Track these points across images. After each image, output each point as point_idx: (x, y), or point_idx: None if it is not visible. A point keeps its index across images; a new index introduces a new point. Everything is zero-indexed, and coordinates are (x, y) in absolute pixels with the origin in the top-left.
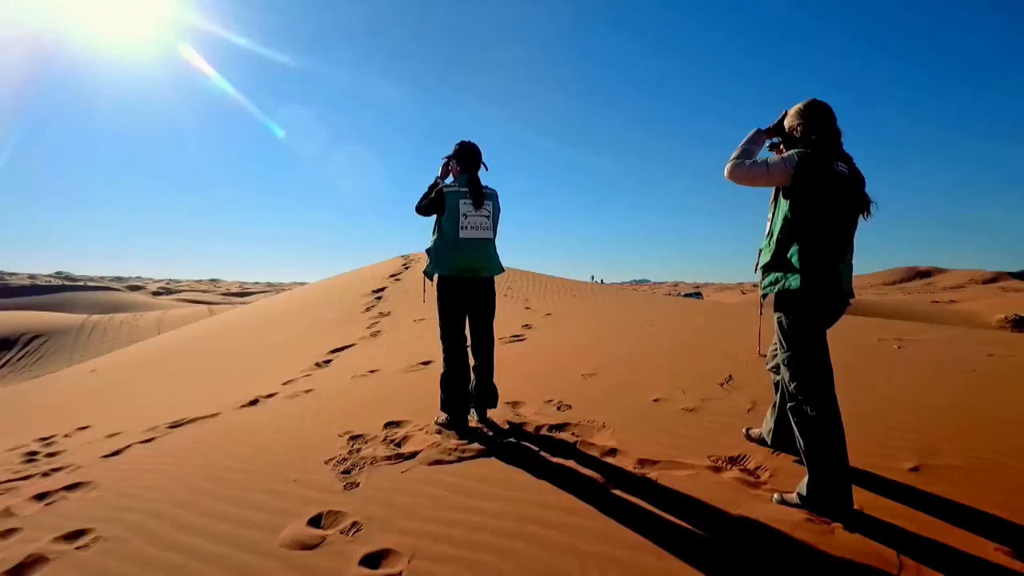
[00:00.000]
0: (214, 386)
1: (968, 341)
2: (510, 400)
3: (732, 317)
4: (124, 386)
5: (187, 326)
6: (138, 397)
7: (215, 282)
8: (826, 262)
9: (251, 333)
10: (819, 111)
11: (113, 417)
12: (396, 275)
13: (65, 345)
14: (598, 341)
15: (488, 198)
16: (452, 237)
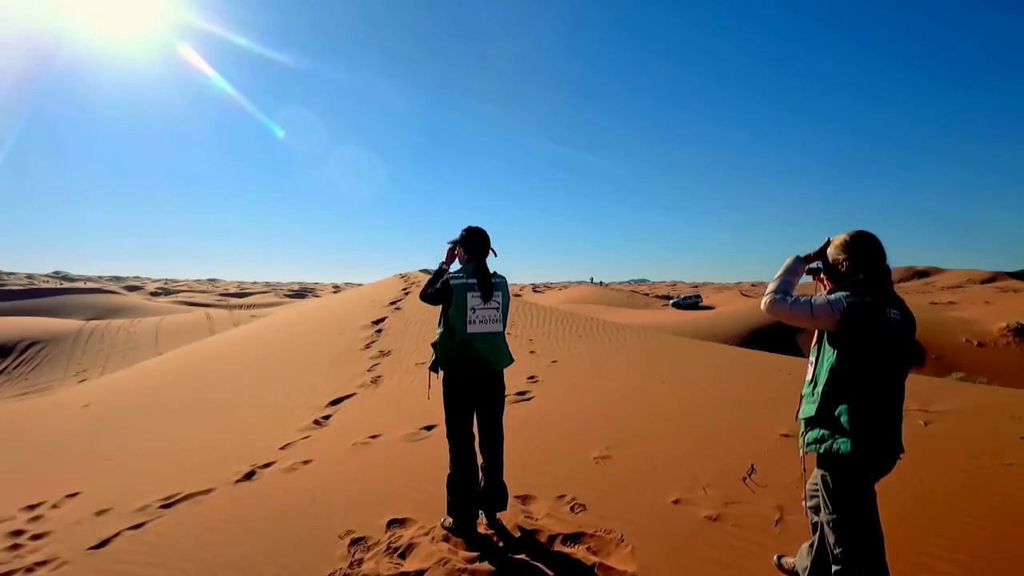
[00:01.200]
0: (210, 441)
1: (999, 413)
2: (520, 494)
3: (743, 367)
4: (118, 430)
5: (184, 348)
6: (132, 447)
7: (213, 282)
8: (881, 425)
9: (250, 369)
10: (867, 246)
11: (104, 478)
12: (396, 302)
13: (63, 352)
14: (608, 406)
15: (497, 289)
16: (460, 332)
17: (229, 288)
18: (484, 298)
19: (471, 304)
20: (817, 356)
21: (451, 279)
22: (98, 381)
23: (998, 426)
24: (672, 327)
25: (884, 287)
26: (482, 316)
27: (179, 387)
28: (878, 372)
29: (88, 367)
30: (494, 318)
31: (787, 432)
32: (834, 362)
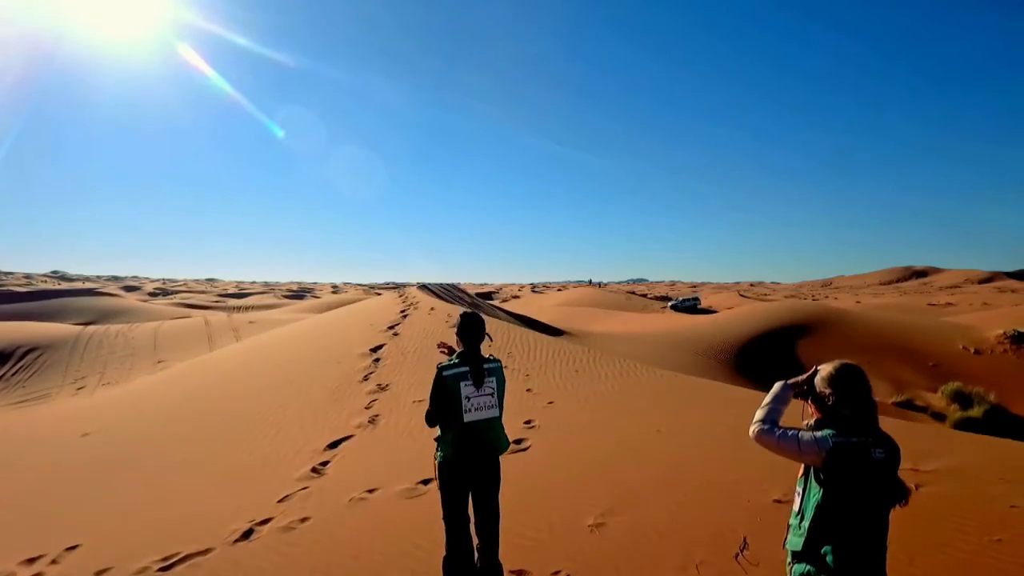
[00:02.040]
0: (209, 486)
1: (988, 472)
2: (515, 568)
3: (741, 412)
4: (116, 468)
5: (181, 368)
6: (130, 491)
7: (212, 281)
8: (866, 566)
9: (247, 400)
10: (852, 381)
11: (103, 527)
12: (393, 327)
13: (61, 359)
14: (603, 462)
15: (491, 374)
16: (457, 421)
17: (228, 288)
18: (476, 385)
19: (465, 393)
20: (804, 488)
21: (444, 370)
22: (96, 400)
23: (987, 489)
24: (670, 336)
25: (870, 423)
26: (477, 403)
27: (176, 418)
28: (863, 512)
29: (86, 374)
30: (489, 404)
31: (779, 498)
32: (820, 499)
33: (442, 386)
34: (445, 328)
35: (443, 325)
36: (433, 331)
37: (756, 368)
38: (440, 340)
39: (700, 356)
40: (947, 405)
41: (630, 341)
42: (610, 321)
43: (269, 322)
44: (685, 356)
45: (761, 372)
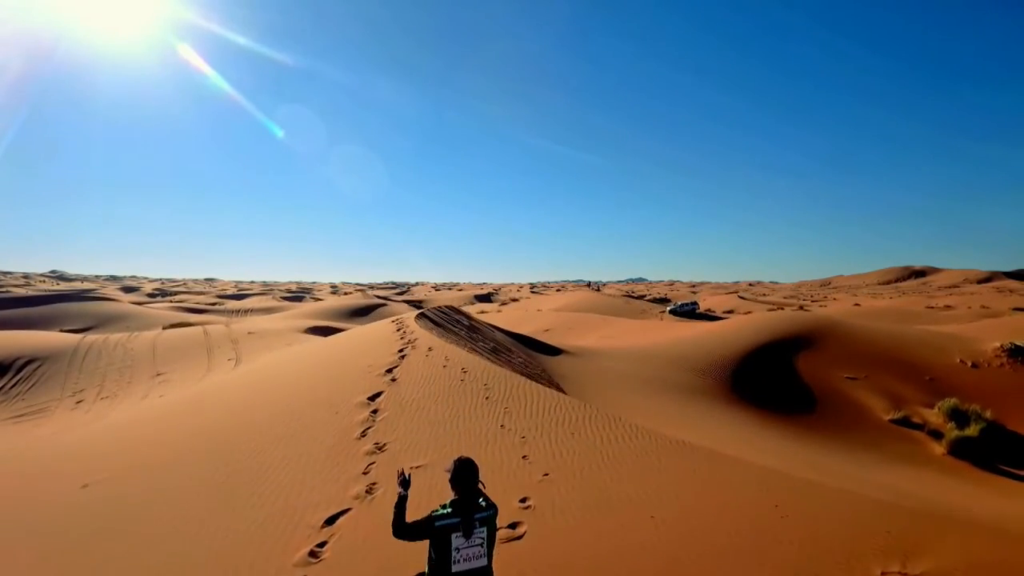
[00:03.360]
0: (205, 566)
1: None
2: None
3: (740, 490)
4: (114, 535)
5: (177, 404)
6: (125, 562)
7: (211, 281)
8: None
9: (242, 452)
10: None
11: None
12: (391, 370)
13: (60, 370)
14: (596, 555)
15: (483, 524)
16: (444, 571)
17: (227, 288)
18: (466, 536)
19: (455, 545)
20: None
21: (436, 520)
22: (93, 430)
23: None
24: (667, 352)
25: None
26: (466, 555)
27: (175, 470)
28: None
29: (85, 387)
30: (478, 555)
31: None
32: None
33: (430, 533)
34: (442, 375)
35: (440, 371)
36: (431, 377)
37: (754, 385)
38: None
39: (697, 374)
40: (944, 422)
41: (627, 359)
42: (608, 329)
43: (267, 334)
44: (682, 375)
45: (759, 390)
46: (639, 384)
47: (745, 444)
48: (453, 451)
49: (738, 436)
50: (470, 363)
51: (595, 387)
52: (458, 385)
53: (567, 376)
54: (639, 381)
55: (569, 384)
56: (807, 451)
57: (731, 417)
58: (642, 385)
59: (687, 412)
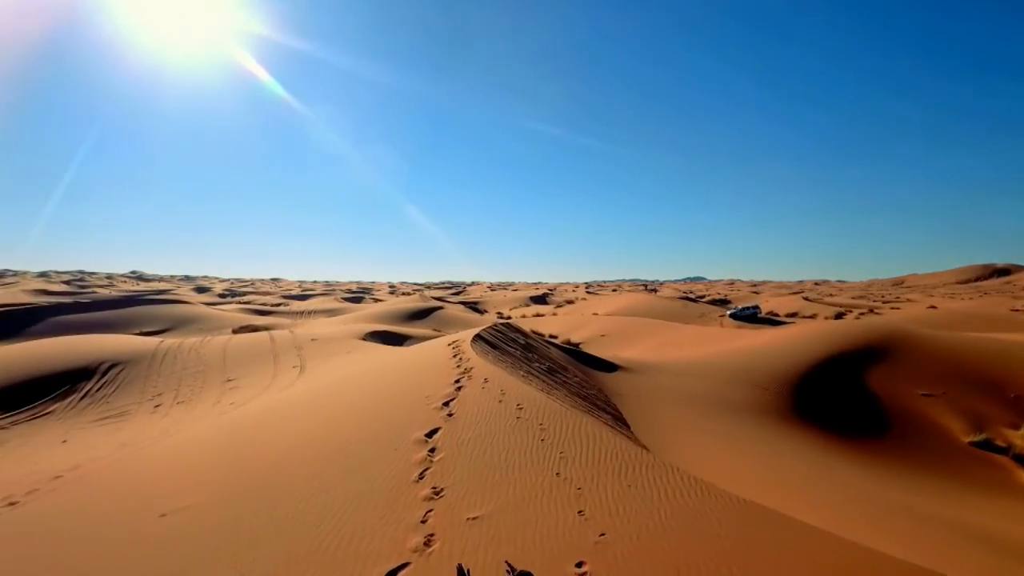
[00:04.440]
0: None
1: None
2: None
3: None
4: (191, 568)
5: (252, 416)
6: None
7: (276, 281)
8: None
9: (301, 486)
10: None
11: None
12: (448, 402)
13: (139, 374)
14: None
15: None
16: None
17: (291, 289)
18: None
19: None
20: None
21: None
22: (171, 456)
23: None
24: (727, 365)
25: None
26: None
27: (243, 502)
28: None
29: (163, 391)
30: None
31: None
32: None
33: None
34: (498, 411)
35: (496, 407)
36: (487, 414)
37: (819, 404)
38: None
39: (757, 391)
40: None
41: (684, 374)
42: (664, 335)
43: (329, 340)
44: (742, 391)
45: (824, 409)
46: (697, 404)
47: (811, 485)
48: (509, 501)
49: (803, 471)
50: (526, 398)
51: (651, 408)
52: (513, 423)
53: (623, 394)
54: (697, 400)
55: (625, 403)
56: (883, 486)
57: (796, 444)
58: (700, 405)
59: (747, 439)
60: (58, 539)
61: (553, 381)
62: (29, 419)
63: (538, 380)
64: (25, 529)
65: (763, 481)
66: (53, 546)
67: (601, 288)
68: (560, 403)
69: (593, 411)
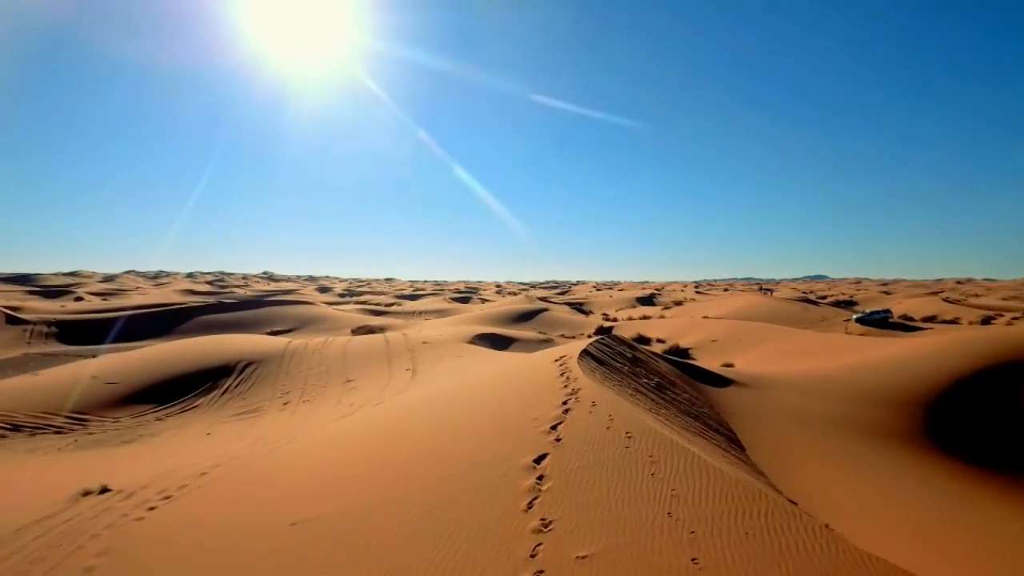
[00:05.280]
0: None
1: None
2: None
3: None
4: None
5: (366, 429)
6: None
7: (390, 281)
8: None
9: (419, 511)
10: None
11: None
12: (556, 426)
13: (271, 372)
14: None
15: None
16: None
17: (404, 289)
18: None
19: None
20: None
21: None
22: (301, 460)
23: None
24: (852, 380)
25: None
26: None
27: (364, 526)
28: None
29: (290, 389)
30: None
31: None
32: None
33: None
34: (606, 439)
35: (604, 434)
36: (595, 441)
37: (962, 430)
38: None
39: (891, 411)
40: None
41: (805, 390)
42: (781, 342)
43: (439, 344)
44: (872, 411)
45: (969, 437)
46: (819, 426)
47: (955, 535)
48: (619, 541)
49: (945, 514)
50: (635, 425)
51: (768, 429)
52: (622, 453)
53: (737, 413)
54: (819, 422)
55: (739, 422)
56: None
57: (935, 478)
58: (823, 427)
59: (876, 469)
60: (199, 544)
61: (662, 399)
62: (179, 412)
63: (647, 399)
64: (175, 530)
65: (898, 527)
66: (194, 549)
67: (711, 288)
68: (671, 430)
69: (704, 432)
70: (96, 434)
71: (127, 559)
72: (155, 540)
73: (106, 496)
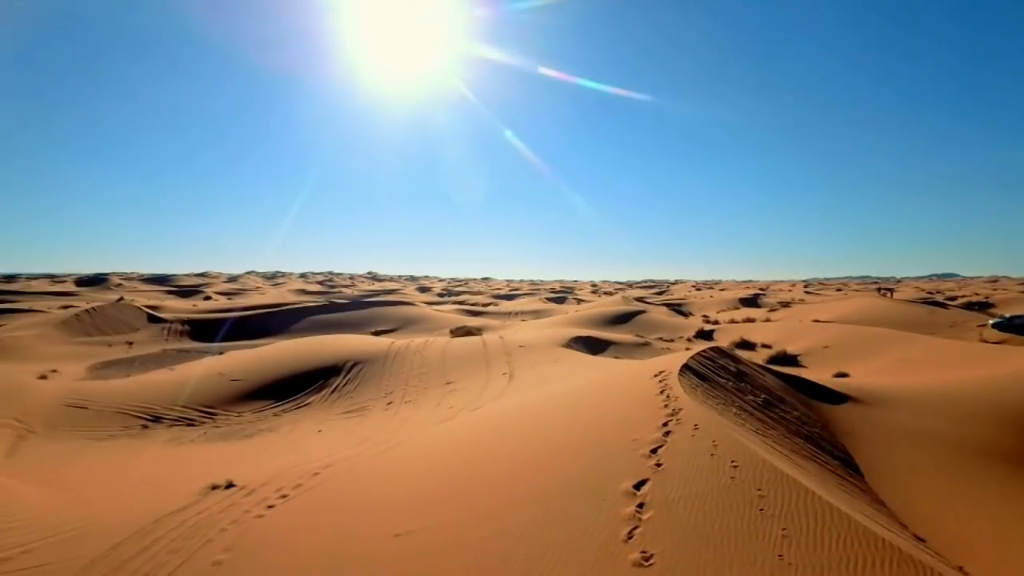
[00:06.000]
0: None
1: None
2: None
3: None
4: None
5: (465, 437)
6: None
7: (487, 281)
8: None
9: (516, 530)
10: None
11: None
12: (656, 449)
13: (375, 372)
14: None
15: None
16: None
17: (500, 288)
18: None
19: None
20: None
21: None
22: (403, 468)
23: None
24: (995, 399)
25: None
26: None
27: (465, 541)
28: None
29: (393, 389)
30: None
31: None
32: None
33: None
34: (710, 466)
35: (708, 461)
36: (698, 470)
37: None
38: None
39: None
40: None
41: (934, 410)
42: (904, 350)
43: (536, 347)
44: (1013, 435)
45: None
46: (950, 450)
47: None
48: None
49: None
50: (741, 453)
51: (889, 453)
52: (728, 484)
53: (854, 434)
54: (950, 445)
55: (855, 443)
56: None
57: None
58: (955, 452)
59: (1017, 502)
60: (310, 548)
61: (770, 418)
62: (294, 408)
63: (753, 418)
64: (290, 532)
65: None
66: (306, 553)
67: (822, 288)
68: (780, 455)
69: (817, 455)
70: (222, 428)
71: (249, 556)
72: (272, 539)
73: (231, 492)
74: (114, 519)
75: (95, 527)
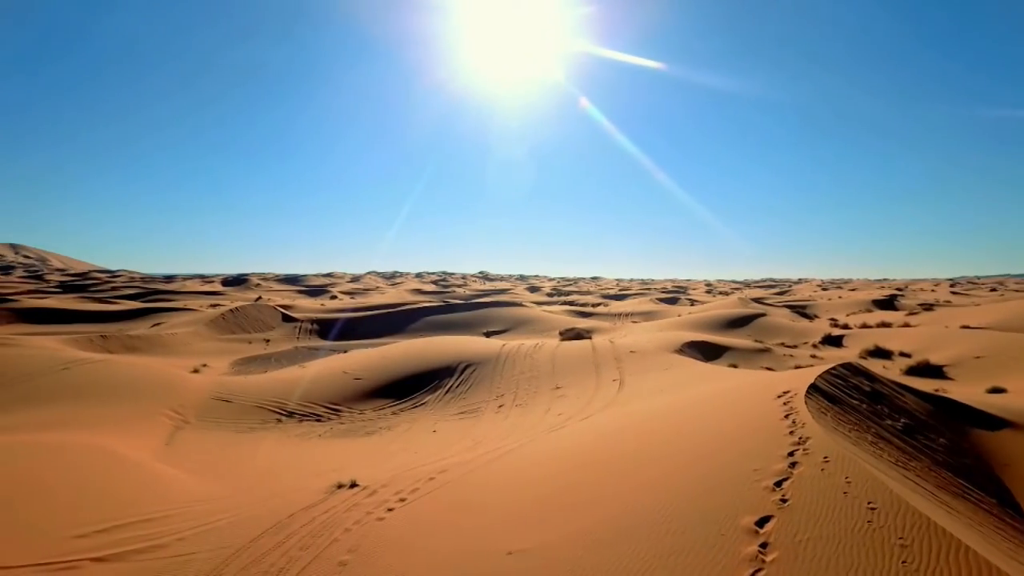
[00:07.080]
0: None
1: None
2: None
3: None
4: None
5: (577, 449)
6: None
7: (596, 280)
8: None
9: (625, 559)
10: None
11: None
12: (781, 483)
13: (487, 374)
14: None
15: None
16: None
17: (610, 288)
18: None
19: None
20: None
21: None
22: (514, 484)
23: None
24: None
25: None
26: None
27: (570, 562)
28: None
29: (504, 392)
30: None
31: None
32: None
33: None
34: (843, 506)
35: (840, 500)
36: (828, 509)
37: None
38: None
39: None
40: None
41: None
42: None
43: (646, 353)
44: None
45: None
46: None
47: None
48: None
49: None
50: (879, 494)
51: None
52: (863, 529)
53: (1013, 466)
54: None
55: (1016, 479)
56: None
57: None
58: None
59: None
60: (426, 559)
61: (912, 447)
62: (411, 407)
63: (892, 447)
64: (407, 538)
65: None
66: (423, 563)
67: (973, 287)
68: (924, 492)
69: (968, 492)
70: (346, 424)
71: (371, 559)
72: (392, 544)
73: (355, 491)
74: (254, 511)
75: (238, 517)
